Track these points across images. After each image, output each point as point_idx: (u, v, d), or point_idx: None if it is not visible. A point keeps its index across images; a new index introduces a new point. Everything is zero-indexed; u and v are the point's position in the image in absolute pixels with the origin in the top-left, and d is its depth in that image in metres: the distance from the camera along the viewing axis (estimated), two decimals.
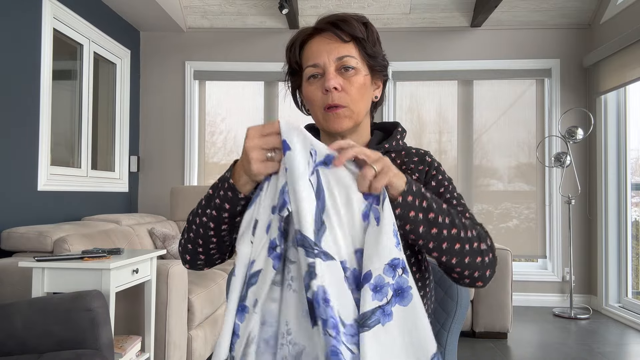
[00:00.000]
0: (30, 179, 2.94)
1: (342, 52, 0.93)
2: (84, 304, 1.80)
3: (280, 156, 0.77)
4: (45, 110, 3.04)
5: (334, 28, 0.94)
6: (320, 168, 0.77)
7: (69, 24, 3.37)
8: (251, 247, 0.79)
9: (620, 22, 3.91)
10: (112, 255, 2.14)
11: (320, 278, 0.72)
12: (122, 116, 4.19)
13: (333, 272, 0.73)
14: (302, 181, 0.74)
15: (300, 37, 0.98)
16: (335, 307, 0.72)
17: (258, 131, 0.78)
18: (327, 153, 0.77)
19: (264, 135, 0.78)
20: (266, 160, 0.78)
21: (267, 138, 0.78)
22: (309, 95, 0.96)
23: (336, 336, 0.70)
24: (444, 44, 4.45)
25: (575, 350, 3.11)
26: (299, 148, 0.75)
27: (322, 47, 0.94)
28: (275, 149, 0.78)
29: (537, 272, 4.37)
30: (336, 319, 0.71)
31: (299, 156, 0.75)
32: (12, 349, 1.76)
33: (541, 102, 4.45)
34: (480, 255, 0.86)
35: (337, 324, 0.71)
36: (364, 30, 0.95)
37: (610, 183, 4.06)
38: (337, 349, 0.70)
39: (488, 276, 0.88)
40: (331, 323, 0.71)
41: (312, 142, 0.77)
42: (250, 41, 4.49)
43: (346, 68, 0.93)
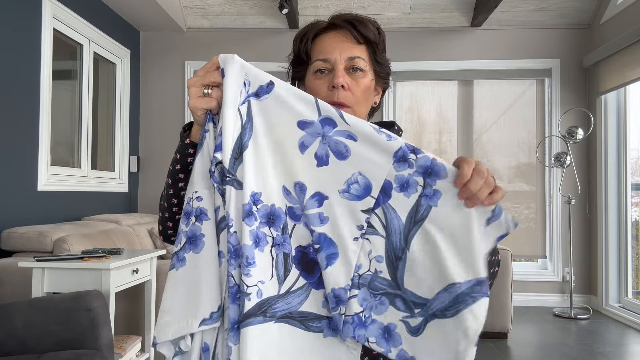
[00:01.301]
0: (30, 179, 2.94)
1: (354, 53, 0.93)
2: (84, 304, 1.80)
3: (218, 93, 0.76)
4: (45, 110, 3.04)
5: (351, 27, 0.94)
6: (252, 99, 0.76)
7: (69, 24, 3.37)
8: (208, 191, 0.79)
9: (620, 22, 3.91)
10: (112, 255, 2.14)
11: (226, 205, 0.74)
12: (122, 116, 4.19)
13: (236, 201, 0.74)
14: (229, 110, 0.74)
15: (315, 29, 0.97)
16: (238, 233, 0.74)
17: (202, 68, 0.78)
18: (261, 84, 0.76)
19: (206, 71, 0.77)
20: (203, 96, 0.77)
21: (207, 74, 0.77)
22: (313, 88, 0.95)
23: (231, 261, 0.74)
24: (444, 44, 4.45)
25: (575, 350, 3.10)
26: (232, 76, 0.74)
27: (336, 44, 0.94)
28: (215, 85, 0.77)
29: (537, 272, 4.37)
30: (236, 245, 0.74)
31: (230, 84, 0.74)
32: (12, 349, 1.76)
33: (541, 102, 4.45)
34: (496, 266, 0.87)
35: (238, 249, 0.74)
36: (377, 35, 0.96)
37: (610, 183, 4.06)
38: (230, 273, 0.74)
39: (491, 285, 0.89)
40: (229, 248, 0.74)
41: (249, 71, 0.76)
42: (250, 41, 4.49)
43: (355, 69, 0.93)
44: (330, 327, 0.76)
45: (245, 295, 0.73)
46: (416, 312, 0.74)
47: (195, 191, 0.77)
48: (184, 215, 0.78)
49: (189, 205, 0.77)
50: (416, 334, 0.74)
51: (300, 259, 0.76)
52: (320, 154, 0.76)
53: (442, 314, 0.72)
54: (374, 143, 0.74)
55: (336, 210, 0.75)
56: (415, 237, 0.74)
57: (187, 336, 0.77)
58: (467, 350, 0.71)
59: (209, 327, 0.75)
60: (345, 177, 0.75)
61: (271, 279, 0.75)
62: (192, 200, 0.77)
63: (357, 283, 0.75)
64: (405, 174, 0.74)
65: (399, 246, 0.75)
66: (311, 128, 0.75)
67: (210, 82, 0.77)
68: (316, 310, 0.76)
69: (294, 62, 1.02)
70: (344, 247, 0.75)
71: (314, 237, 0.75)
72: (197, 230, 0.77)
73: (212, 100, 0.77)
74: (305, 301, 0.76)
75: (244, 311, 0.73)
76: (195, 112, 0.78)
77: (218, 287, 0.76)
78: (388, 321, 0.75)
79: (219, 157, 0.74)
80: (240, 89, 0.75)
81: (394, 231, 0.75)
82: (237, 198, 0.74)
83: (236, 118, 0.75)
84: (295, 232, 0.77)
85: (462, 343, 0.71)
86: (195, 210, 0.77)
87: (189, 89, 0.77)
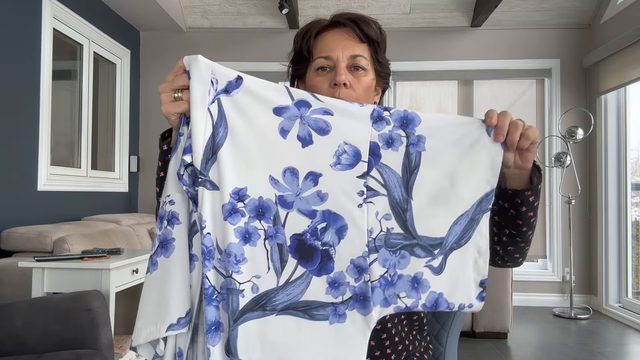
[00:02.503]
0: (30, 179, 2.94)
1: (357, 51, 0.94)
2: (84, 304, 1.80)
3: (188, 95, 0.75)
4: (45, 110, 3.04)
5: (354, 25, 0.94)
6: (222, 96, 0.75)
7: (69, 24, 3.36)
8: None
9: (620, 22, 3.91)
10: (112, 255, 2.14)
11: (199, 206, 0.74)
12: (122, 116, 4.19)
13: (212, 201, 0.74)
14: (198, 111, 0.73)
15: (317, 26, 0.98)
16: (213, 234, 0.74)
17: (170, 73, 0.77)
18: (229, 80, 0.76)
19: (174, 75, 0.77)
20: (174, 100, 0.77)
21: (175, 78, 0.76)
22: (314, 85, 0.95)
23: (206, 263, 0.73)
24: (444, 44, 4.45)
25: (575, 350, 3.11)
26: (197, 77, 0.74)
27: (338, 42, 0.94)
28: (184, 88, 0.76)
29: (537, 272, 4.37)
30: (210, 246, 0.74)
31: (196, 86, 0.74)
32: (12, 349, 1.76)
33: (541, 102, 4.45)
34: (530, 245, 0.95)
35: (212, 251, 0.74)
36: (379, 35, 0.97)
37: (610, 183, 4.06)
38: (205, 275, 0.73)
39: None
40: (202, 249, 0.73)
41: (215, 70, 0.75)
42: (250, 41, 4.49)
43: (357, 67, 0.94)
44: (336, 313, 0.76)
45: (237, 293, 0.73)
46: (436, 252, 0.78)
47: (168, 195, 0.77)
48: (159, 219, 0.77)
49: (162, 209, 0.77)
50: (440, 272, 0.78)
51: (297, 247, 0.76)
52: (303, 135, 0.76)
53: (457, 244, 0.78)
54: (350, 113, 0.77)
55: (333, 184, 0.76)
56: (415, 185, 0.78)
57: (160, 340, 0.77)
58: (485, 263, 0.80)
59: (176, 332, 0.74)
60: (332, 150, 0.76)
61: (268, 272, 0.75)
62: (165, 204, 0.77)
63: (374, 247, 0.77)
64: (386, 131, 0.77)
65: (402, 198, 0.78)
66: (287, 112, 0.76)
67: (178, 86, 0.76)
68: (319, 298, 0.76)
69: (294, 60, 1.01)
70: (351, 217, 0.76)
71: (317, 217, 0.76)
72: (168, 234, 0.76)
73: (183, 103, 0.76)
74: (306, 290, 0.76)
75: (239, 308, 0.73)
76: (169, 117, 0.78)
77: (187, 292, 0.75)
78: (415, 271, 0.78)
79: (188, 160, 0.74)
80: (208, 89, 0.75)
81: (393, 187, 0.78)
82: (213, 199, 0.74)
83: (206, 118, 0.74)
84: (288, 220, 0.76)
85: (479, 261, 0.79)
86: (167, 214, 0.76)
87: (160, 95, 0.77)
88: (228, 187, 0.74)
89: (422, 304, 0.78)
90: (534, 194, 0.83)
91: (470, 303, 0.79)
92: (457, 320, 1.14)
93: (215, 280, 0.74)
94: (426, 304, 0.78)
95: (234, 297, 0.73)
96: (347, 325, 0.75)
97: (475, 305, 0.80)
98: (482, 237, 0.79)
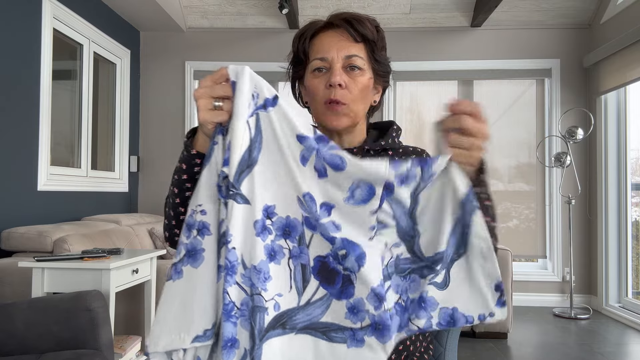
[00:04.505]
0: (30, 179, 2.94)
1: (352, 51, 0.94)
2: (84, 304, 1.80)
3: (229, 106, 0.75)
4: (45, 110, 3.04)
5: (348, 26, 0.94)
6: (260, 111, 0.75)
7: (69, 24, 3.36)
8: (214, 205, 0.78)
9: (620, 22, 3.91)
10: (112, 255, 2.14)
11: (227, 220, 0.73)
12: (122, 116, 4.19)
13: (243, 216, 0.73)
14: (239, 123, 0.73)
15: (313, 28, 0.98)
16: (239, 249, 0.73)
17: (209, 79, 0.76)
18: (267, 97, 0.75)
19: (214, 83, 0.75)
20: (214, 109, 0.75)
21: (217, 86, 0.75)
22: (311, 87, 0.96)
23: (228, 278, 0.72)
24: (444, 44, 4.45)
25: (575, 350, 3.11)
26: (242, 89, 0.73)
27: (333, 43, 0.94)
28: (225, 98, 0.75)
29: (537, 272, 4.37)
30: (234, 261, 0.72)
31: (241, 97, 0.73)
32: (12, 349, 1.76)
33: (541, 102, 4.45)
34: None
35: (236, 266, 0.72)
36: (375, 34, 0.96)
37: (610, 183, 4.06)
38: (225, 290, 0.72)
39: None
40: (226, 264, 0.72)
41: (258, 84, 0.75)
42: (250, 41, 4.49)
43: (352, 67, 0.94)
44: (354, 338, 0.75)
45: (263, 311, 0.72)
46: (438, 268, 0.77)
47: (199, 204, 0.76)
48: (186, 227, 0.77)
49: (191, 217, 0.76)
50: (445, 286, 0.77)
51: (320, 269, 0.76)
52: (319, 167, 0.76)
53: (457, 254, 0.77)
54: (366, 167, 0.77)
55: (346, 217, 0.76)
56: (418, 211, 0.78)
57: (179, 349, 0.76)
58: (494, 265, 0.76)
59: (202, 344, 0.74)
60: (347, 185, 0.76)
61: (290, 291, 0.75)
62: (196, 214, 0.76)
63: (387, 274, 0.77)
64: (404, 170, 0.76)
65: (409, 226, 0.78)
66: (307, 142, 0.76)
67: (219, 94, 0.75)
68: (338, 321, 0.75)
69: (293, 62, 1.02)
70: (367, 246, 0.76)
71: (337, 244, 0.75)
72: (197, 244, 0.75)
73: (223, 113, 0.75)
74: (326, 312, 0.75)
75: (264, 326, 0.72)
76: (206, 125, 0.76)
77: (214, 305, 0.75)
78: (421, 291, 0.77)
79: (226, 172, 0.73)
80: (249, 102, 0.74)
81: (400, 217, 0.78)
82: (242, 213, 0.73)
83: (245, 131, 0.74)
84: (313, 242, 0.76)
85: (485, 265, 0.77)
86: (198, 223, 0.76)
87: (197, 100, 0.75)
88: (259, 203, 0.73)
89: (437, 323, 0.76)
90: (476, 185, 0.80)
91: (491, 311, 0.76)
92: None
93: (237, 296, 0.73)
94: (441, 322, 0.76)
95: (261, 315, 0.72)
96: (365, 351, 0.75)
97: (497, 313, 0.77)
98: (480, 239, 0.76)
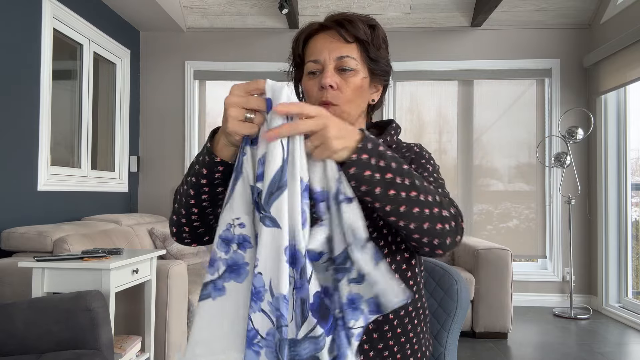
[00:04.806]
0: (30, 179, 2.94)
1: (343, 52, 0.94)
2: (84, 304, 1.80)
3: (260, 119, 0.72)
4: (45, 110, 3.04)
5: (339, 27, 0.94)
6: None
7: (69, 24, 3.37)
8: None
9: (620, 22, 3.91)
10: (112, 255, 2.14)
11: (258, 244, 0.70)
12: (122, 116, 4.19)
13: (272, 240, 0.69)
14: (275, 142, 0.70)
15: (306, 31, 0.99)
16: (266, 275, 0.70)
17: (242, 88, 0.73)
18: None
19: (247, 93, 0.73)
20: (244, 120, 0.73)
21: (250, 98, 0.73)
22: (307, 89, 0.98)
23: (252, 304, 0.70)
24: (444, 44, 4.45)
25: (575, 350, 3.11)
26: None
27: (325, 45, 0.95)
28: (256, 110, 0.73)
29: (537, 272, 4.37)
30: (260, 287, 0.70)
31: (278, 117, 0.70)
32: (12, 349, 1.76)
33: (541, 102, 4.45)
34: (440, 222, 0.81)
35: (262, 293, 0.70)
36: (369, 33, 0.96)
37: (610, 183, 4.06)
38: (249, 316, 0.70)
39: (449, 244, 0.84)
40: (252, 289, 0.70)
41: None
42: (250, 41, 4.49)
43: (344, 69, 0.94)
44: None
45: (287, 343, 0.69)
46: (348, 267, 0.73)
47: (237, 217, 0.74)
48: (222, 242, 0.74)
49: (229, 231, 0.74)
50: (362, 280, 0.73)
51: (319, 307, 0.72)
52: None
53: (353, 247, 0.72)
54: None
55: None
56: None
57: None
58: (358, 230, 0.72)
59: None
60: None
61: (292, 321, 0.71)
62: (234, 227, 0.74)
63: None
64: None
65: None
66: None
67: (253, 107, 0.72)
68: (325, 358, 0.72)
69: (294, 64, 1.04)
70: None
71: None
72: (239, 258, 0.73)
73: (254, 126, 0.73)
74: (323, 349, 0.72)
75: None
76: (234, 136, 0.74)
77: None
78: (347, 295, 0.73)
79: (260, 187, 0.70)
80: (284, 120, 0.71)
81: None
82: (270, 236, 0.69)
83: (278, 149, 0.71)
84: (313, 278, 0.72)
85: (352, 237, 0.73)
86: (237, 237, 0.73)
87: (227, 109, 0.73)
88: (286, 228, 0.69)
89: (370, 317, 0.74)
90: (354, 165, 0.75)
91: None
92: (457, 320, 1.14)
93: (261, 324, 0.70)
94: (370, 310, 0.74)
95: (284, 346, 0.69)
96: None
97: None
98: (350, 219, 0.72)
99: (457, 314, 1.13)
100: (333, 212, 0.73)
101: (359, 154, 0.75)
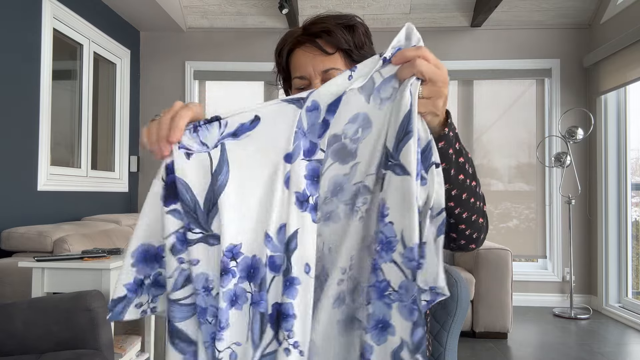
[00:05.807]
0: (30, 179, 2.94)
1: (327, 65, 0.91)
2: (84, 304, 1.80)
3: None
4: (45, 110, 3.04)
5: (317, 41, 0.91)
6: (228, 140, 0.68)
7: (69, 24, 3.37)
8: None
9: (620, 22, 3.91)
10: (112, 255, 2.14)
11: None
12: (122, 116, 4.19)
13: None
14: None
15: (288, 44, 0.96)
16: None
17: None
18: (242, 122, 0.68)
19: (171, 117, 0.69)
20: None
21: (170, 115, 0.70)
22: None
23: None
24: (444, 44, 4.45)
25: (575, 350, 3.10)
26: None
27: (307, 60, 0.92)
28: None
29: (537, 272, 4.37)
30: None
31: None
32: (12, 349, 1.76)
33: (541, 102, 4.45)
34: (482, 216, 0.81)
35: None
36: (350, 39, 0.92)
37: (610, 183, 4.06)
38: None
39: (482, 240, 0.83)
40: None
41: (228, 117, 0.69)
42: (250, 41, 4.49)
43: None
44: None
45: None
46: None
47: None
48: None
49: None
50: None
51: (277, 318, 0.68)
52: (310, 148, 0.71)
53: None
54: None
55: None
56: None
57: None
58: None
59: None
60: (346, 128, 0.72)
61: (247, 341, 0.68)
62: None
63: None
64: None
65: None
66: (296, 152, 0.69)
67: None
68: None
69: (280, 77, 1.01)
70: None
71: None
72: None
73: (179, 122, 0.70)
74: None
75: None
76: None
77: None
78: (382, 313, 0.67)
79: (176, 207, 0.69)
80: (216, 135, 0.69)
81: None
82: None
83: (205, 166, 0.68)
84: (273, 286, 0.68)
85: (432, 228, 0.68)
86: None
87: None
88: (224, 242, 0.67)
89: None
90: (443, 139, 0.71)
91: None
92: (457, 320, 1.14)
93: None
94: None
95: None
96: None
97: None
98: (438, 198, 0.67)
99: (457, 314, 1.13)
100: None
101: (449, 129, 0.72)
